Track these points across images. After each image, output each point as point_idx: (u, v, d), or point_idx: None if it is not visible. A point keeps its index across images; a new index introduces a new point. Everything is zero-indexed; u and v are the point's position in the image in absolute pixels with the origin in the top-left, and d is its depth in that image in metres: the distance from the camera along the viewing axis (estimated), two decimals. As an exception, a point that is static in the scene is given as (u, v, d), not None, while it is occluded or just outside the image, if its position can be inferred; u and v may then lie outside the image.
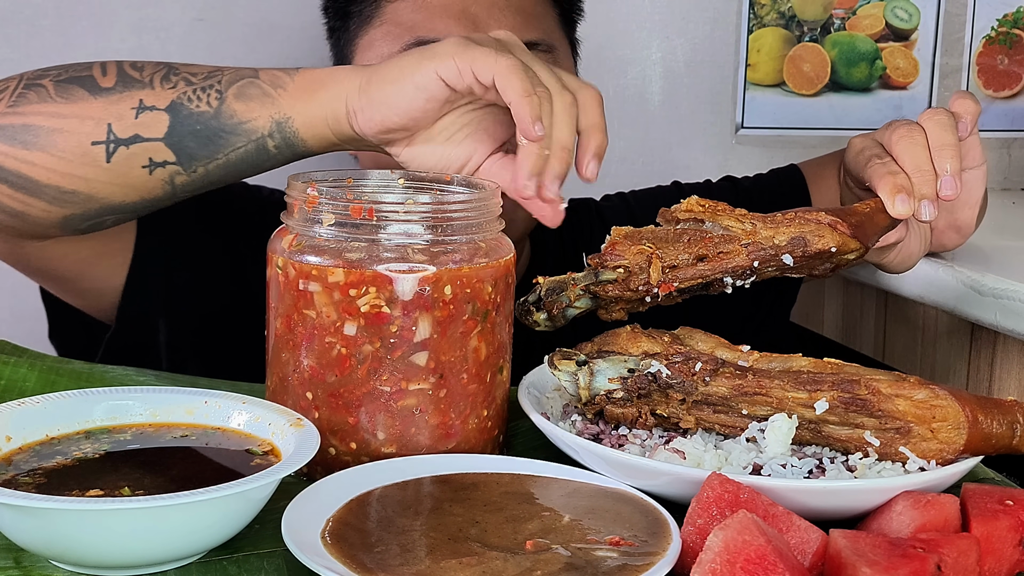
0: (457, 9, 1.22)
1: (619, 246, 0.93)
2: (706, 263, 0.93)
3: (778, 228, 0.93)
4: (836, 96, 1.99)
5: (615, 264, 0.93)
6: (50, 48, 1.53)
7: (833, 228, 0.93)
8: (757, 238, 0.93)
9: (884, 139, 1.06)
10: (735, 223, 0.93)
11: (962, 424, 0.81)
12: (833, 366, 0.87)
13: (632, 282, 0.93)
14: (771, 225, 0.93)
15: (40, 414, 0.80)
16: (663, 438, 0.88)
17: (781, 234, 0.93)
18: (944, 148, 1.01)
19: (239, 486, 0.69)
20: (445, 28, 1.20)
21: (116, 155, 0.98)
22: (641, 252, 0.93)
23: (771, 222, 0.94)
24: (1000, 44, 2.03)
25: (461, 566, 0.68)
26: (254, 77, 0.99)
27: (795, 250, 0.92)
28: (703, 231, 0.94)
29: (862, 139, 1.10)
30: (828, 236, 0.93)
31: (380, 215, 0.83)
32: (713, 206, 0.94)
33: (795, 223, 0.93)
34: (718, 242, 0.93)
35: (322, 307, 0.83)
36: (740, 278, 0.93)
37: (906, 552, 0.68)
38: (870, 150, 1.06)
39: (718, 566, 0.64)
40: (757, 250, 0.92)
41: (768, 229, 0.93)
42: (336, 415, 0.84)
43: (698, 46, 1.91)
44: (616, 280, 0.93)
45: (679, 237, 0.94)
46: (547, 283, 0.94)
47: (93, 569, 0.71)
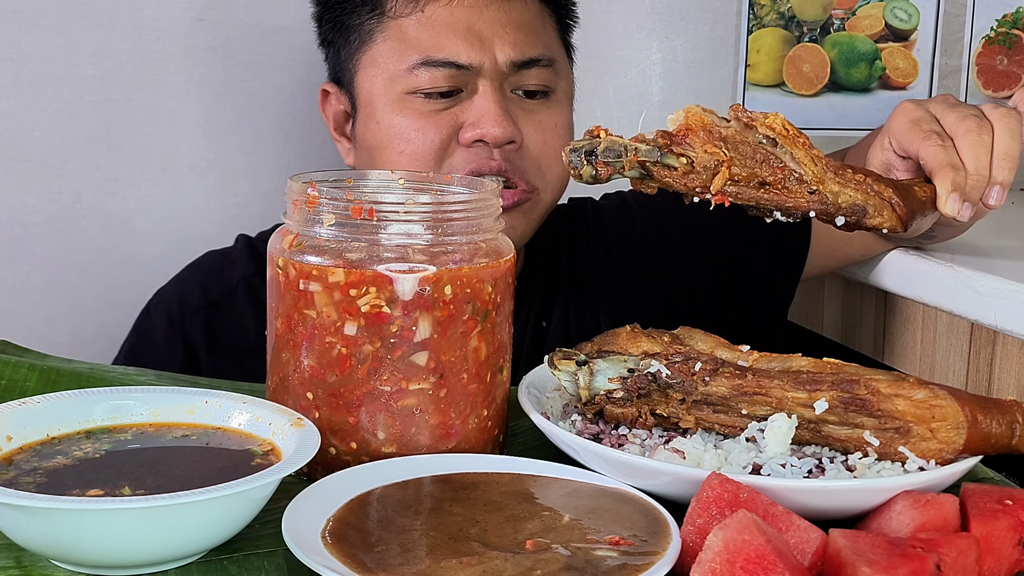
0: (463, 27, 1.22)
1: (693, 136, 0.89)
2: (767, 191, 0.89)
3: (845, 187, 0.90)
4: (836, 96, 1.99)
5: (682, 153, 0.88)
6: (50, 48, 1.53)
7: (893, 209, 0.91)
8: (823, 188, 0.89)
9: (946, 120, 1.02)
10: (809, 163, 0.89)
11: (961, 424, 0.81)
12: (833, 366, 0.87)
13: (692, 179, 0.88)
14: (840, 181, 0.90)
15: (41, 414, 0.80)
16: (663, 438, 0.88)
17: (846, 195, 0.90)
18: (1006, 158, 0.99)
19: (239, 486, 0.69)
20: (452, 47, 1.21)
21: None
22: (714, 154, 0.88)
23: (841, 177, 0.90)
24: (999, 44, 2.03)
25: (461, 566, 0.68)
26: None
27: (851, 216, 0.90)
28: (776, 156, 0.89)
29: (916, 107, 1.06)
30: (886, 215, 0.91)
31: (380, 215, 0.83)
32: (796, 135, 0.90)
33: (862, 189, 0.90)
34: (787, 176, 0.89)
35: (322, 307, 0.83)
36: (789, 216, 0.90)
37: (906, 552, 0.68)
38: (928, 124, 1.02)
39: (718, 566, 0.64)
40: (819, 201, 0.89)
41: (836, 184, 0.90)
42: (336, 415, 0.84)
43: (698, 46, 1.91)
44: (676, 169, 0.88)
45: (753, 153, 0.89)
46: (607, 141, 0.89)
47: (93, 569, 0.71)
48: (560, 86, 1.29)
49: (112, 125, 1.57)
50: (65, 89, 1.54)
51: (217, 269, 1.34)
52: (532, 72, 1.24)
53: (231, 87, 1.62)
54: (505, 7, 1.24)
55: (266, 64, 1.63)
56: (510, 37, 1.23)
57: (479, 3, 1.24)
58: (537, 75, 1.25)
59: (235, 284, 1.31)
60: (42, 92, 1.53)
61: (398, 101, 1.23)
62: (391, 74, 1.24)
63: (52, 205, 1.55)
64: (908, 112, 1.06)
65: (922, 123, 1.03)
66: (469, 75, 1.22)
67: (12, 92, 1.52)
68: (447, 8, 1.23)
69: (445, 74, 1.21)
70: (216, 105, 1.62)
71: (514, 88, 1.25)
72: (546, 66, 1.26)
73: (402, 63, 1.23)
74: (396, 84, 1.23)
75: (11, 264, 1.55)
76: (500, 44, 1.22)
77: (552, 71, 1.27)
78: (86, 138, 1.56)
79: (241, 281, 1.31)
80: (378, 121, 1.25)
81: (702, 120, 0.89)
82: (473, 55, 1.21)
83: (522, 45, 1.24)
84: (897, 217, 0.91)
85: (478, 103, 1.22)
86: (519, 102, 1.25)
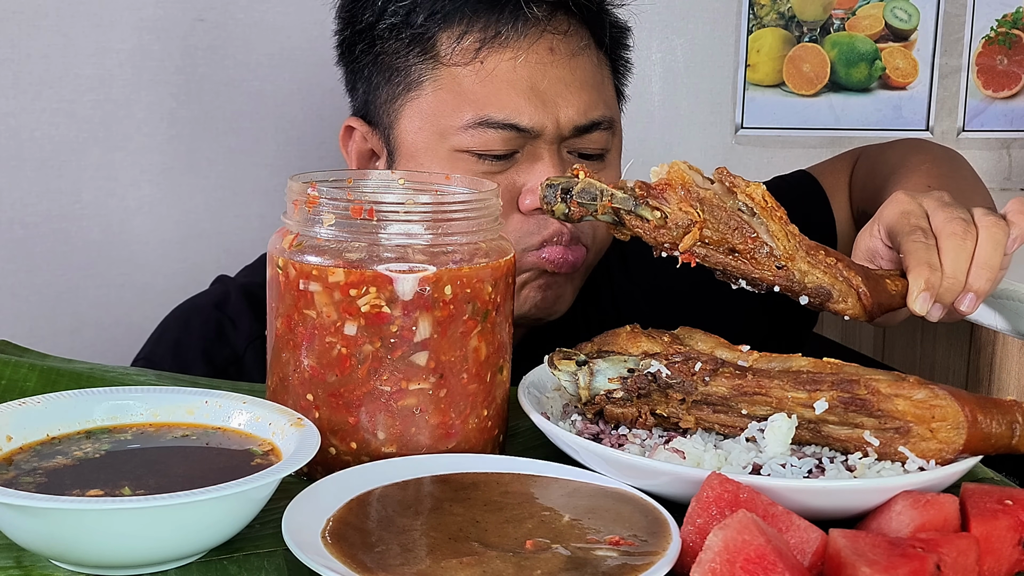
0: (525, 85, 1.12)
1: (671, 192, 0.89)
2: (735, 259, 0.90)
3: (814, 268, 0.91)
4: (836, 96, 1.99)
5: (657, 207, 0.89)
6: (50, 48, 1.53)
7: (859, 298, 0.92)
8: (792, 266, 0.90)
9: (935, 219, 1.00)
10: (783, 238, 0.90)
11: (961, 424, 0.81)
12: (833, 366, 0.87)
13: (662, 234, 0.89)
14: (810, 261, 0.91)
15: (41, 414, 0.80)
16: (663, 438, 0.88)
17: (813, 276, 0.91)
18: (985, 268, 0.97)
19: (239, 486, 0.69)
20: (514, 107, 1.12)
21: None
22: (688, 214, 0.89)
23: (812, 257, 0.91)
24: (999, 44, 2.04)
25: (462, 566, 0.68)
26: None
27: (815, 298, 0.91)
28: (751, 226, 0.90)
29: (910, 200, 1.03)
30: (851, 303, 0.92)
31: (380, 215, 0.83)
32: (773, 209, 0.91)
33: (831, 273, 0.91)
34: (757, 247, 0.90)
35: (322, 307, 0.83)
36: (754, 287, 0.92)
37: (905, 552, 0.68)
38: (916, 219, 1.01)
39: (718, 566, 0.64)
40: (785, 278, 0.90)
41: (806, 263, 0.91)
42: (336, 415, 0.84)
43: (698, 46, 1.91)
44: (649, 221, 0.89)
45: (728, 219, 0.90)
46: (584, 183, 0.89)
47: (93, 569, 0.71)
48: (614, 144, 1.21)
49: (112, 125, 1.57)
50: (65, 89, 1.54)
51: (216, 329, 1.23)
52: (592, 136, 1.16)
53: (231, 87, 1.62)
54: (571, 64, 1.15)
55: (266, 64, 1.63)
56: (574, 99, 1.14)
57: (545, 60, 1.13)
58: (597, 139, 1.17)
59: (243, 349, 1.21)
60: (42, 92, 1.53)
61: (447, 159, 1.13)
62: (441, 129, 1.13)
63: (52, 205, 1.55)
64: (900, 203, 1.04)
65: (911, 216, 1.01)
66: (528, 138, 1.13)
67: (12, 92, 1.52)
68: (511, 63, 1.12)
69: (504, 136, 1.12)
70: (216, 105, 1.62)
71: (571, 149, 1.16)
72: (606, 129, 1.17)
73: (455, 119, 1.12)
74: (446, 140, 1.13)
75: (11, 264, 1.55)
76: (564, 107, 1.13)
77: (611, 133, 1.18)
78: (86, 138, 1.56)
79: (250, 346, 1.21)
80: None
81: (683, 177, 0.90)
82: (536, 117, 1.12)
83: (585, 107, 1.14)
84: (862, 307, 0.92)
85: (541, 170, 1.13)
86: (574, 161, 1.15)
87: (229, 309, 1.24)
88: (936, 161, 1.34)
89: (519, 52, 1.13)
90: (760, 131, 1.98)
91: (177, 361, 1.20)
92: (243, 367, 1.20)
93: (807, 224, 1.46)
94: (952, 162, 1.37)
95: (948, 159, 1.37)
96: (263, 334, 1.19)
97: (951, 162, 1.36)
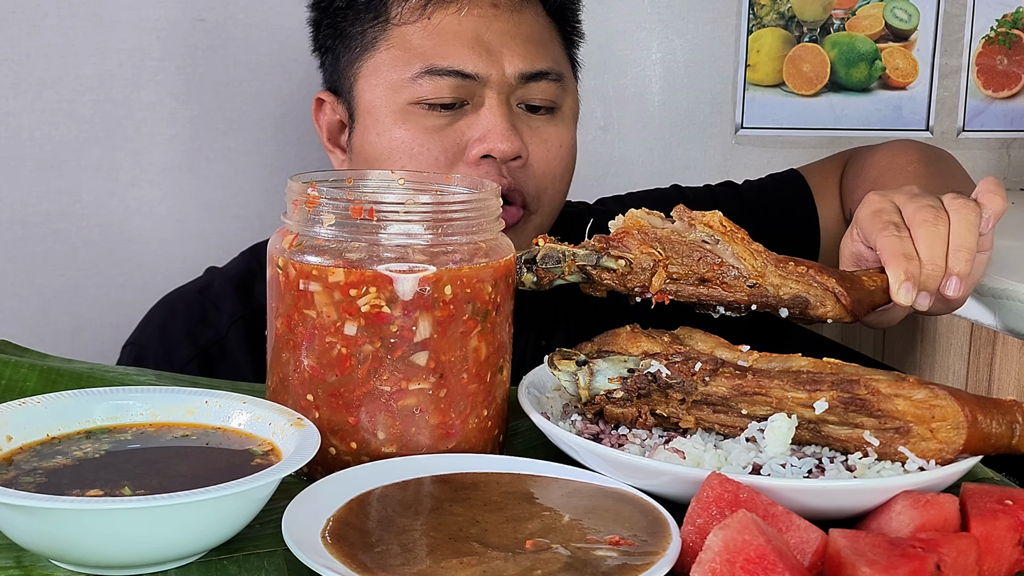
0: (470, 36, 1.18)
1: (629, 239, 0.91)
2: (707, 288, 0.92)
3: (786, 280, 0.92)
4: (836, 96, 1.99)
5: (619, 255, 0.90)
6: (50, 48, 1.53)
7: (837, 300, 0.92)
8: (763, 282, 0.91)
9: (906, 211, 1.02)
10: (749, 257, 0.92)
11: (961, 424, 0.81)
12: (833, 366, 0.87)
13: (631, 280, 0.91)
14: (780, 273, 0.92)
15: (41, 414, 0.80)
16: (663, 438, 0.88)
17: (787, 287, 0.91)
18: (962, 250, 0.98)
19: (239, 486, 0.69)
20: (458, 55, 1.17)
21: None
22: (650, 255, 0.90)
23: (782, 270, 0.92)
24: (999, 44, 2.03)
25: (462, 566, 0.68)
26: None
27: (794, 308, 0.92)
28: (715, 253, 0.92)
29: (880, 199, 1.05)
30: (830, 306, 0.92)
31: (380, 215, 0.83)
32: (733, 232, 0.92)
33: (803, 280, 0.92)
34: (725, 271, 0.91)
35: (322, 307, 0.83)
36: (732, 311, 0.93)
37: (905, 552, 0.68)
38: (888, 215, 1.02)
39: (718, 566, 0.64)
40: (759, 295, 0.91)
41: (776, 276, 0.92)
42: (336, 415, 0.84)
43: (698, 46, 1.91)
44: (615, 271, 0.91)
45: (691, 252, 0.91)
46: (545, 249, 0.91)
47: (93, 569, 0.71)
48: (566, 103, 1.25)
49: (112, 125, 1.57)
50: (65, 89, 1.54)
51: (199, 312, 1.27)
52: (540, 85, 1.20)
53: (231, 87, 1.62)
54: (515, 18, 1.21)
55: (266, 64, 1.63)
56: (520, 49, 1.19)
57: (488, 13, 1.19)
58: (544, 89, 1.21)
59: (225, 328, 1.25)
60: (42, 92, 1.53)
61: (400, 113, 1.19)
62: (393, 83, 1.19)
63: (52, 205, 1.55)
64: (872, 203, 1.05)
65: (882, 214, 1.03)
66: (475, 86, 1.18)
67: (12, 92, 1.52)
68: (455, 17, 1.19)
69: (450, 84, 1.17)
70: (216, 105, 1.62)
71: (520, 102, 1.21)
72: (554, 80, 1.22)
73: (405, 72, 1.18)
74: (399, 94, 1.19)
75: (11, 264, 1.55)
76: (509, 55, 1.18)
77: (559, 86, 1.23)
78: (86, 138, 1.56)
79: (233, 325, 1.25)
80: (379, 133, 1.20)
81: (638, 223, 0.92)
82: (480, 65, 1.17)
83: (532, 57, 1.20)
84: (842, 307, 0.93)
85: (485, 117, 1.18)
86: (524, 117, 1.21)
87: (212, 294, 1.28)
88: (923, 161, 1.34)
89: (463, 6, 1.19)
90: (760, 131, 1.98)
91: (163, 344, 1.24)
92: (226, 347, 1.24)
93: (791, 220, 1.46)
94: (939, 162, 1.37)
95: (935, 159, 1.37)
96: (246, 314, 1.21)
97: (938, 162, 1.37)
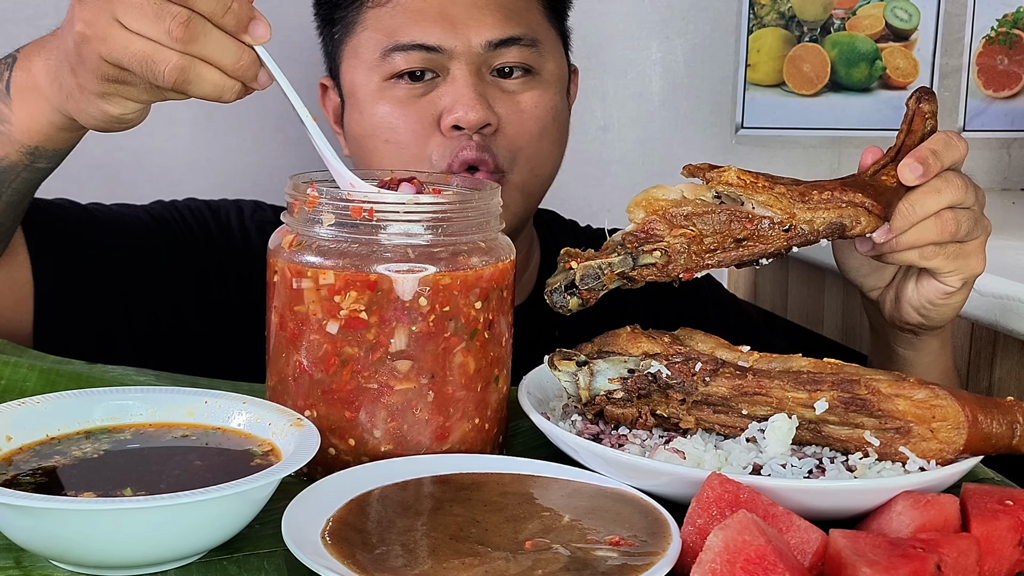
0: (434, 11, 1.21)
1: (656, 226, 0.89)
2: (745, 247, 0.90)
3: (816, 211, 0.90)
4: (836, 96, 1.99)
5: (653, 247, 0.89)
6: (50, 48, 1.52)
7: (869, 211, 0.92)
8: (796, 222, 0.90)
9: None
10: (775, 202, 0.90)
11: (962, 424, 0.81)
12: (833, 366, 0.87)
13: (672, 267, 0.89)
14: (808, 207, 0.90)
15: (40, 414, 0.80)
16: (663, 438, 0.88)
17: (819, 218, 0.90)
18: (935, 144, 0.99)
19: (239, 486, 0.69)
20: (420, 30, 1.21)
21: None
22: (683, 235, 0.88)
23: (808, 203, 0.91)
24: (1000, 44, 2.04)
25: (463, 566, 0.68)
26: None
27: (833, 235, 0.90)
28: (742, 211, 0.90)
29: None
30: (865, 220, 0.91)
31: (380, 215, 0.83)
32: (752, 182, 0.91)
33: (832, 206, 0.91)
34: (758, 225, 0.89)
35: (323, 307, 0.83)
36: (774, 257, 0.91)
37: (906, 552, 0.68)
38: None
39: (718, 566, 0.64)
40: (796, 236, 0.90)
41: (807, 211, 0.90)
42: (335, 414, 0.84)
43: (698, 46, 1.91)
44: (655, 264, 0.89)
45: (719, 215, 0.89)
46: (582, 269, 0.89)
47: (93, 569, 0.71)
48: (546, 68, 1.26)
49: (112, 125, 1.56)
50: (65, 89, 1.53)
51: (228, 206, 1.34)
52: (511, 51, 1.22)
53: (231, 87, 1.62)
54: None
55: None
56: (487, 19, 1.21)
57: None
58: (516, 54, 1.23)
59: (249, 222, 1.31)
60: (42, 92, 1.53)
61: (378, 90, 1.23)
62: (368, 64, 1.23)
63: (52, 205, 1.55)
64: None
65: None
66: (442, 58, 1.21)
67: (12, 92, 1.51)
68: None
69: (417, 57, 1.21)
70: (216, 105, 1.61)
71: (491, 69, 1.23)
72: (527, 45, 1.23)
73: (377, 50, 1.22)
74: (374, 72, 1.23)
75: (11, 264, 1.54)
76: (476, 26, 1.21)
77: (535, 51, 1.24)
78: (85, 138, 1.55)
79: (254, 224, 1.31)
80: (361, 111, 1.25)
81: (655, 206, 0.90)
82: (444, 37, 1.20)
83: (500, 25, 1.21)
84: (875, 217, 0.92)
85: (452, 87, 1.20)
86: (498, 83, 1.23)
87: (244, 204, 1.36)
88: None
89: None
90: (760, 131, 1.98)
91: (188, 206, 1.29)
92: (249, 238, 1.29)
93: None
94: None
95: None
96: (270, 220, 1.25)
97: None
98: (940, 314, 1.06)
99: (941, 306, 1.04)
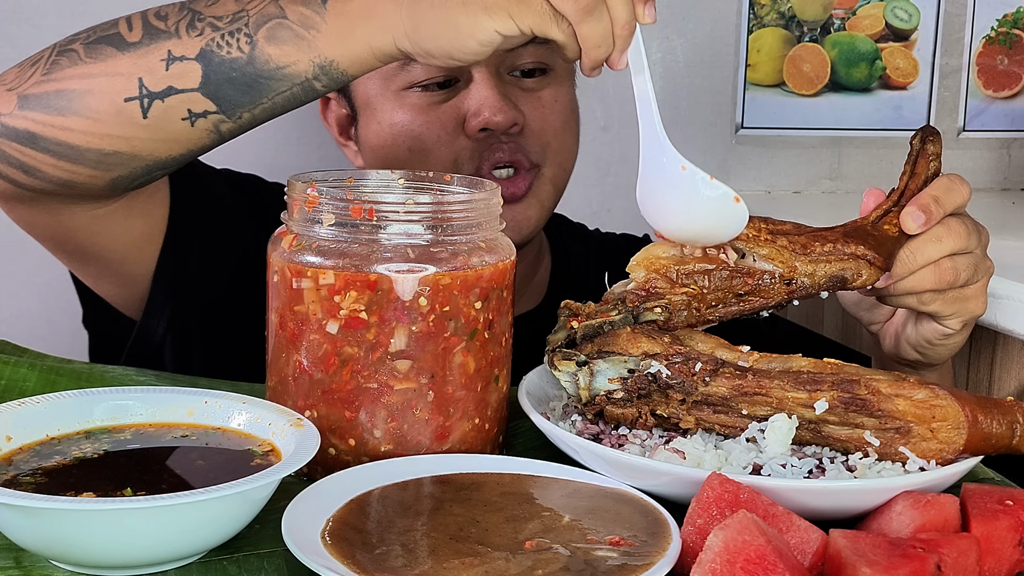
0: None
1: (657, 283, 0.90)
2: (746, 302, 0.91)
3: (817, 264, 0.91)
4: (836, 96, 1.99)
5: (655, 304, 0.89)
6: (50, 48, 1.52)
7: (870, 264, 0.92)
8: (797, 275, 0.91)
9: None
10: (776, 255, 0.91)
11: (962, 424, 0.81)
12: (833, 366, 0.87)
13: (674, 322, 0.89)
14: (810, 260, 0.91)
15: (40, 414, 0.80)
16: (663, 438, 0.88)
17: (820, 271, 0.91)
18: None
19: (239, 486, 0.69)
20: None
21: (152, 110, 0.97)
22: (685, 294, 0.89)
23: (810, 255, 0.91)
24: (1000, 44, 2.03)
25: (464, 566, 0.68)
26: (282, 17, 0.96)
27: (834, 287, 0.91)
28: (743, 266, 0.91)
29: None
30: (867, 273, 0.92)
31: (380, 215, 0.83)
32: (755, 236, 0.91)
33: (834, 259, 0.91)
34: (759, 280, 0.90)
35: (323, 307, 0.83)
36: (776, 309, 0.92)
37: (906, 552, 0.68)
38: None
39: (718, 566, 0.64)
40: (798, 289, 0.91)
41: (808, 264, 0.91)
42: (335, 414, 0.84)
43: (698, 46, 1.91)
44: (656, 321, 0.89)
45: (719, 272, 0.90)
46: (583, 329, 0.88)
47: (93, 569, 0.71)
48: (558, 63, 1.26)
49: (112, 125, 1.56)
50: (65, 89, 1.53)
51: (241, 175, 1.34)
52: (527, 50, 1.21)
53: (231, 87, 1.61)
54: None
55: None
56: None
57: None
58: (532, 52, 1.22)
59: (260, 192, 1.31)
60: (42, 92, 1.52)
61: (396, 98, 1.22)
62: (385, 73, 1.21)
63: (52, 205, 1.55)
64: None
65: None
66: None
67: (12, 92, 1.51)
68: None
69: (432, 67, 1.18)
70: (216, 105, 1.61)
71: (511, 70, 1.23)
72: (541, 43, 1.19)
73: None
74: (391, 82, 1.21)
75: (11, 264, 1.55)
76: None
77: (548, 48, 1.23)
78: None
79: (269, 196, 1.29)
80: (379, 121, 1.23)
81: (657, 265, 0.90)
82: None
83: None
84: (876, 269, 0.93)
85: (476, 91, 1.20)
86: (517, 83, 1.23)
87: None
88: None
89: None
90: (760, 131, 1.98)
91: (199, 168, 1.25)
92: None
93: None
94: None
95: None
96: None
97: None
98: (938, 353, 1.07)
99: (939, 346, 1.05)
